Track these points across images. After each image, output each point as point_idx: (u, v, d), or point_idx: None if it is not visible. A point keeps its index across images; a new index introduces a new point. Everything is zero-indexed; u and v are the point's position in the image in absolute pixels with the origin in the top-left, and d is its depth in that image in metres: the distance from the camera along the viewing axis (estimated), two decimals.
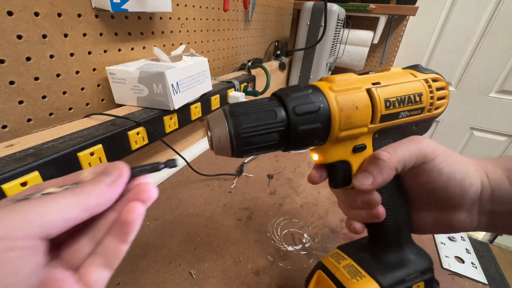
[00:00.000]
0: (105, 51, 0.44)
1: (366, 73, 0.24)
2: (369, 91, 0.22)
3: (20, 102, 0.35)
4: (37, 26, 0.34)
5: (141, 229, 0.35)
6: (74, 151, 0.33)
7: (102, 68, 0.44)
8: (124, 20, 0.45)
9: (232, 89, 0.64)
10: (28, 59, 0.34)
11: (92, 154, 0.35)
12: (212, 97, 0.57)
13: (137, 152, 0.44)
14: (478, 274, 0.37)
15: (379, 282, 0.24)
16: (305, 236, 0.41)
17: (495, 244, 1.67)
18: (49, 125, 0.39)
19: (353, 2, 1.10)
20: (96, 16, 0.41)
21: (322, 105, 0.20)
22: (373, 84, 0.22)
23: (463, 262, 0.39)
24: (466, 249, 0.42)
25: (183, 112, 0.50)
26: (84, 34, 0.40)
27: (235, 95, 0.61)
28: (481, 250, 1.62)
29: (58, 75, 0.38)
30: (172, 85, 0.42)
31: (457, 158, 0.23)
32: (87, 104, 0.44)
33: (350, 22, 1.08)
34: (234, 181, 0.53)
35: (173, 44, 0.58)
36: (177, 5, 0.56)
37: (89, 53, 0.41)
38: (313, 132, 0.21)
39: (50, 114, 0.39)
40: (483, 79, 1.32)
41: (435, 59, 1.39)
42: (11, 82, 0.33)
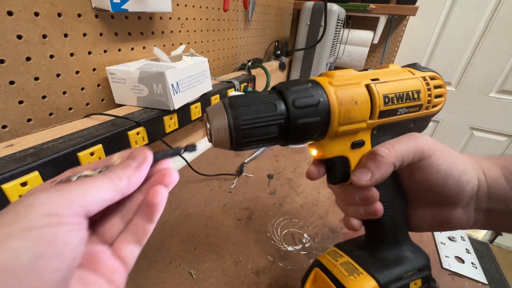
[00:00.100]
0: (105, 51, 0.44)
1: (365, 70, 0.24)
2: (368, 87, 0.22)
3: (20, 102, 0.35)
4: (37, 26, 0.34)
5: None
6: (74, 151, 0.33)
7: (102, 68, 0.44)
8: (124, 20, 0.45)
9: (232, 89, 0.64)
10: (28, 59, 0.34)
11: (92, 154, 0.35)
12: (212, 97, 0.57)
13: None
14: (478, 274, 0.37)
15: (377, 279, 0.24)
16: (305, 236, 0.41)
17: (495, 244, 1.67)
18: (49, 125, 0.39)
19: (353, 2, 1.10)
20: (96, 16, 0.41)
21: (322, 99, 0.20)
22: (372, 80, 0.22)
23: (463, 262, 0.39)
24: (466, 249, 0.42)
25: (183, 112, 0.50)
26: (84, 34, 0.40)
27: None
28: (481, 250, 1.62)
29: (58, 75, 0.38)
30: (172, 85, 0.42)
31: (454, 155, 0.23)
32: (87, 104, 0.44)
33: (350, 22, 1.08)
34: (234, 181, 0.53)
35: (173, 44, 0.58)
36: (177, 5, 0.56)
37: (89, 53, 0.41)
38: (312, 126, 0.21)
39: (50, 114, 0.39)
40: (483, 79, 1.32)
41: (435, 59, 1.39)
42: (11, 82, 0.33)
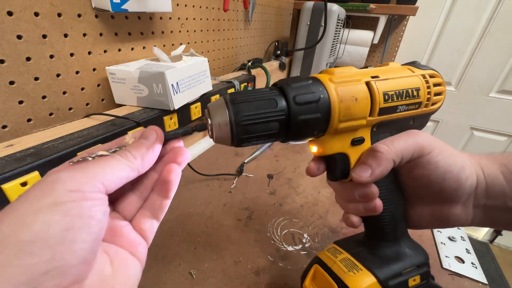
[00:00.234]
0: (105, 51, 0.44)
1: (365, 68, 0.24)
2: (368, 84, 0.22)
3: (20, 102, 0.35)
4: (37, 26, 0.34)
5: None
6: (74, 151, 0.32)
7: (102, 68, 0.44)
8: (124, 20, 0.45)
9: (232, 89, 0.64)
10: (28, 59, 0.34)
11: None
12: (212, 97, 0.57)
13: None
14: (478, 274, 0.37)
15: (376, 275, 0.24)
16: (305, 236, 0.41)
17: (495, 244, 1.68)
18: (49, 125, 0.39)
19: (353, 2, 1.10)
20: (96, 16, 0.41)
21: (322, 96, 0.21)
22: (372, 78, 0.23)
23: (463, 262, 0.39)
24: (466, 249, 0.42)
25: (183, 112, 0.50)
26: (84, 34, 0.40)
27: None
28: (481, 250, 1.62)
29: (58, 75, 0.38)
30: (172, 85, 0.42)
31: (453, 152, 0.23)
32: (87, 104, 0.44)
33: (350, 22, 1.08)
34: (234, 181, 0.53)
35: (173, 44, 0.58)
36: (177, 5, 0.56)
37: (89, 53, 0.41)
38: (313, 122, 0.21)
39: (50, 114, 0.39)
40: (483, 79, 1.32)
41: (435, 59, 1.39)
42: (11, 82, 0.33)
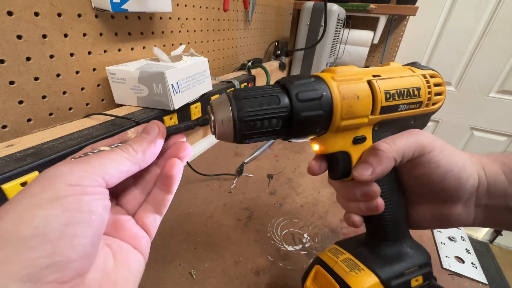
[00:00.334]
0: (105, 51, 0.44)
1: (367, 67, 0.25)
2: (370, 83, 0.22)
3: (20, 102, 0.35)
4: (37, 26, 0.34)
5: None
6: (74, 151, 0.32)
7: (102, 68, 0.44)
8: (124, 20, 0.45)
9: (232, 89, 0.64)
10: (28, 59, 0.34)
11: None
12: (212, 97, 0.57)
13: None
14: (478, 274, 0.37)
15: (378, 275, 0.24)
16: (305, 236, 0.41)
17: (495, 244, 1.68)
18: (49, 125, 0.38)
19: (353, 2, 1.10)
20: (96, 16, 0.41)
21: (325, 93, 0.21)
22: (374, 77, 0.23)
23: (463, 262, 0.39)
24: (466, 249, 0.42)
25: (183, 112, 0.50)
26: (84, 34, 0.40)
27: None
28: (481, 250, 1.62)
29: (58, 75, 0.38)
30: (172, 85, 0.42)
31: (454, 151, 0.23)
32: (87, 104, 0.44)
33: (350, 22, 1.08)
34: (234, 181, 0.53)
35: (173, 44, 0.58)
36: (177, 5, 0.56)
37: (89, 53, 0.41)
38: (315, 119, 0.21)
39: (50, 114, 0.39)
40: (483, 79, 1.32)
41: (435, 59, 1.39)
42: (11, 82, 0.33)
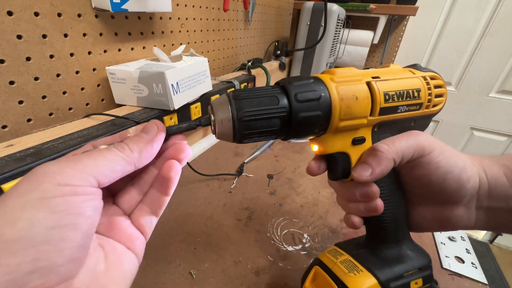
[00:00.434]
0: (105, 51, 0.44)
1: (366, 69, 0.25)
2: (369, 84, 0.22)
3: (20, 102, 0.35)
4: (37, 26, 0.34)
5: None
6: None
7: (102, 68, 0.44)
8: (124, 20, 0.45)
9: (232, 89, 0.64)
10: (28, 59, 0.34)
11: None
12: (212, 97, 0.57)
13: None
14: (478, 274, 0.37)
15: (377, 277, 0.24)
16: (305, 236, 0.41)
17: (495, 244, 1.68)
18: (49, 125, 0.38)
19: (353, 2, 1.10)
20: (96, 16, 0.41)
21: (323, 94, 0.21)
22: (373, 78, 0.23)
23: (463, 262, 0.39)
24: (466, 249, 0.42)
25: (183, 112, 0.50)
26: (84, 34, 0.40)
27: None
28: (481, 250, 1.62)
29: (58, 75, 0.38)
30: (172, 85, 0.42)
31: (454, 153, 0.23)
32: (87, 104, 0.44)
33: (350, 22, 1.08)
34: (234, 181, 0.53)
35: (173, 44, 0.58)
36: (177, 5, 0.56)
37: (89, 53, 0.41)
38: (314, 120, 0.21)
39: (50, 114, 0.39)
40: (483, 79, 1.32)
41: (435, 59, 1.39)
42: (11, 82, 0.33)
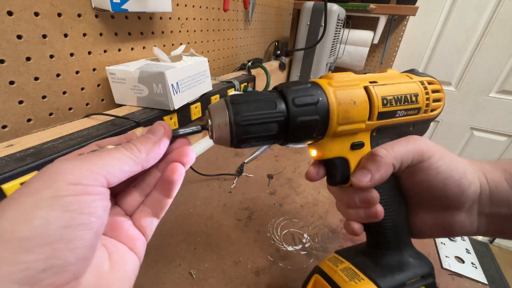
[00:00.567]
0: (105, 51, 0.44)
1: (364, 74, 0.25)
2: (367, 89, 0.22)
3: (20, 102, 0.35)
4: (37, 26, 0.34)
5: None
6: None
7: (102, 68, 0.44)
8: (124, 20, 0.45)
9: (232, 89, 0.64)
10: (28, 59, 0.34)
11: None
12: (212, 97, 0.57)
13: None
14: (478, 274, 0.37)
15: (378, 285, 0.23)
16: (305, 236, 0.41)
17: (495, 244, 1.67)
18: (49, 125, 0.38)
19: (353, 2, 1.10)
20: (96, 16, 0.41)
21: (321, 98, 0.21)
22: (371, 83, 0.23)
23: (463, 262, 0.39)
24: (466, 249, 0.42)
25: (183, 112, 0.50)
26: (84, 34, 0.40)
27: None
28: (481, 250, 1.62)
29: (58, 75, 0.38)
30: (172, 85, 0.42)
31: (454, 158, 0.23)
32: (87, 104, 0.44)
33: (350, 22, 1.08)
34: (234, 181, 0.53)
35: (173, 44, 0.58)
36: (177, 5, 0.56)
37: (89, 53, 0.41)
38: (312, 124, 0.21)
39: (50, 114, 0.39)
40: (483, 79, 1.32)
41: (435, 59, 1.38)
42: (11, 82, 0.33)
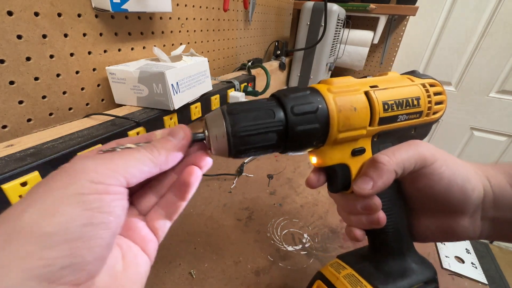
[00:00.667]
0: (105, 51, 0.44)
1: (364, 78, 0.24)
2: (367, 94, 0.22)
3: (20, 102, 0.35)
4: (37, 26, 0.34)
5: None
6: (74, 151, 0.32)
7: (102, 68, 0.44)
8: (124, 20, 0.45)
9: (232, 89, 0.64)
10: (28, 59, 0.34)
11: None
12: (212, 97, 0.57)
13: None
14: (478, 274, 0.37)
15: None
16: (305, 236, 0.41)
17: (495, 244, 1.67)
18: (49, 125, 0.38)
19: (353, 2, 1.10)
20: (96, 16, 0.41)
21: (321, 106, 0.20)
22: (371, 87, 0.22)
23: (463, 262, 0.39)
24: (466, 249, 0.42)
25: (183, 112, 0.50)
26: (84, 34, 0.40)
27: (235, 95, 0.61)
28: (481, 250, 1.61)
29: (58, 75, 0.38)
30: (172, 85, 0.42)
31: (458, 162, 0.23)
32: (87, 104, 0.44)
33: (350, 22, 1.08)
34: (234, 181, 0.53)
35: (173, 44, 0.58)
36: (177, 5, 0.56)
37: (89, 53, 0.41)
38: (311, 133, 0.20)
39: (50, 114, 0.39)
40: (483, 79, 1.32)
41: (435, 59, 1.39)
42: (11, 82, 0.33)
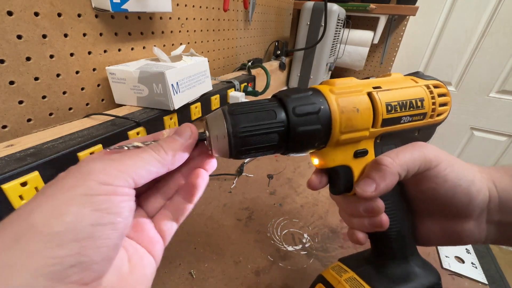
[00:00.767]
0: (105, 51, 0.44)
1: (367, 78, 0.24)
2: (370, 95, 0.22)
3: (20, 102, 0.35)
4: (37, 26, 0.34)
5: None
6: (74, 151, 0.32)
7: (102, 68, 0.44)
8: (124, 20, 0.45)
9: (232, 89, 0.64)
10: (28, 59, 0.34)
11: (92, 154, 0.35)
12: (212, 97, 0.57)
13: None
14: (478, 274, 0.37)
15: None
16: (305, 236, 0.41)
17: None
18: (49, 125, 0.38)
19: (353, 2, 1.10)
20: (96, 16, 0.41)
21: (323, 107, 0.20)
22: (374, 88, 0.22)
23: (463, 262, 0.39)
24: (466, 249, 0.42)
25: (183, 112, 0.50)
26: (84, 34, 0.40)
27: (235, 95, 0.61)
28: (481, 250, 1.61)
29: (58, 75, 0.38)
30: (172, 85, 0.42)
31: (462, 165, 0.22)
32: (87, 104, 0.44)
33: (350, 22, 1.08)
34: (234, 181, 0.53)
35: (173, 44, 0.58)
36: (177, 5, 0.56)
37: (89, 53, 0.41)
38: (313, 134, 0.20)
39: (50, 114, 0.39)
40: (483, 79, 1.32)
41: (435, 59, 1.39)
42: (11, 82, 0.33)
